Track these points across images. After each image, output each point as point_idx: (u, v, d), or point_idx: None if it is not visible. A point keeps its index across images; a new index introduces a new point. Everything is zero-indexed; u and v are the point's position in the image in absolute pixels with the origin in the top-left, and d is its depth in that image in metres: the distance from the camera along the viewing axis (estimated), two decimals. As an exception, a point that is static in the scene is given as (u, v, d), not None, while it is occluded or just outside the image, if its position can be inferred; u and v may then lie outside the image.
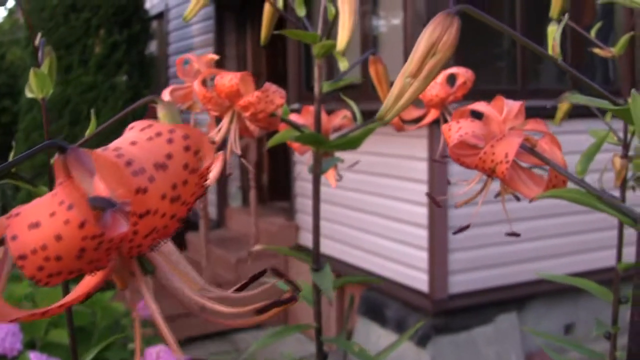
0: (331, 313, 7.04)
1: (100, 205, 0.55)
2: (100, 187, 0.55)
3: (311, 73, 7.31)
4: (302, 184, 7.41)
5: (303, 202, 7.52)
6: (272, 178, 9.40)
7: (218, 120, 1.31)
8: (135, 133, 0.57)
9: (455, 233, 1.05)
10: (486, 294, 5.88)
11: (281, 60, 8.77)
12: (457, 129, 0.85)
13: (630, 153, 1.54)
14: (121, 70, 9.28)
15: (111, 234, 0.55)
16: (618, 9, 6.68)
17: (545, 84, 6.73)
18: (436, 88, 1.48)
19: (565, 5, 0.91)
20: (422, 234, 5.72)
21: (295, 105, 7.34)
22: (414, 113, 1.51)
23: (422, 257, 5.76)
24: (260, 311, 0.64)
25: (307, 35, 1.33)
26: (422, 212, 5.73)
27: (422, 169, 5.57)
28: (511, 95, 4.19)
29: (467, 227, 1.08)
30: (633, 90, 0.74)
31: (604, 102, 0.81)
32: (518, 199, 0.91)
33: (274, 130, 1.35)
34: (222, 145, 1.28)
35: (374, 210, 6.36)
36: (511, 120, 0.88)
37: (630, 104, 0.73)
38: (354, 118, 1.48)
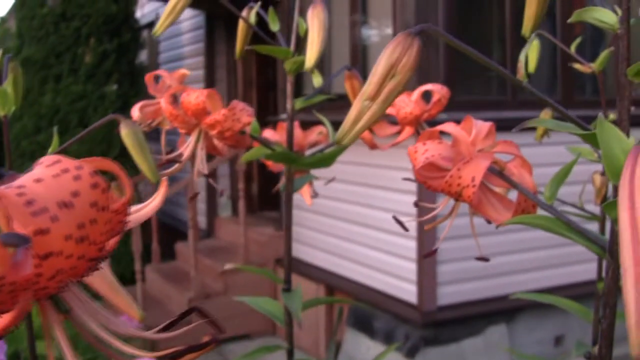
0: (320, 323, 7.01)
1: (12, 243, 0.52)
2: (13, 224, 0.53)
3: (302, 83, 7.31)
4: (296, 195, 7.37)
5: (294, 212, 7.48)
6: (261, 188, 9.38)
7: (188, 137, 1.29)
8: (41, 169, 0.55)
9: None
10: (475, 306, 5.86)
11: (271, 69, 8.76)
12: (424, 151, 0.82)
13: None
14: (111, 79, 9.26)
15: (13, 277, 0.52)
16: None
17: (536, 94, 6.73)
18: (410, 105, 1.45)
19: (538, 23, 0.88)
20: (411, 245, 5.70)
21: (285, 116, 7.31)
22: (389, 130, 1.48)
23: (410, 268, 5.74)
24: (175, 356, 0.61)
25: (279, 51, 1.30)
26: (411, 224, 5.70)
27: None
28: (501, 105, 4.20)
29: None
30: (600, 115, 0.72)
31: (570, 125, 0.79)
32: (489, 222, 0.88)
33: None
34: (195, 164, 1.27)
35: (362, 221, 6.34)
36: (481, 142, 0.85)
37: (597, 129, 0.71)
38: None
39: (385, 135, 1.48)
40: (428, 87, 1.50)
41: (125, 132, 1.20)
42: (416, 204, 1.03)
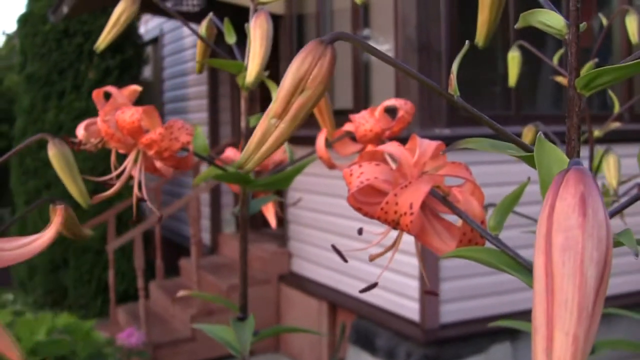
0: (323, 340, 6.95)
1: None
2: None
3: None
4: (295, 211, 7.32)
5: (296, 229, 7.44)
6: (265, 204, 9.31)
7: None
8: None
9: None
10: (479, 324, 5.77)
11: (275, 82, 8.69)
12: (359, 174, 0.74)
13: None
14: (114, 95, 9.22)
15: None
16: (616, 32, 6.62)
17: (541, 109, 6.65)
18: (370, 122, 1.34)
19: (491, 31, 0.80)
20: (413, 262, 5.62)
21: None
22: (351, 148, 1.39)
23: (413, 285, 5.66)
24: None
25: (231, 65, 1.23)
26: (413, 240, 5.61)
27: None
28: (505, 120, 4.12)
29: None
30: (539, 134, 0.64)
31: (510, 146, 0.71)
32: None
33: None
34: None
35: (364, 237, 6.25)
36: (429, 163, 0.77)
37: (535, 150, 0.63)
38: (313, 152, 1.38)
39: (346, 154, 1.39)
40: (391, 102, 1.41)
41: (52, 153, 1.14)
42: (360, 231, 0.95)
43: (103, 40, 1.30)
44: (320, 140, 1.35)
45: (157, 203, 8.77)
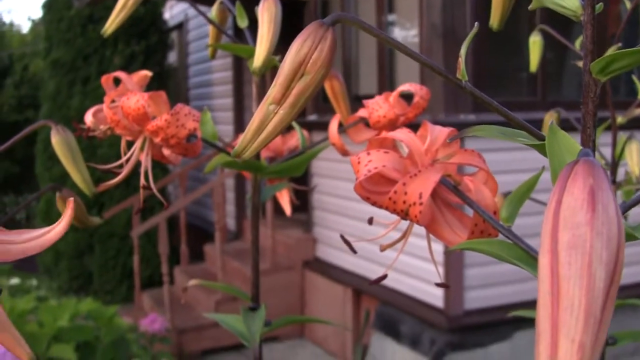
0: (347, 326, 6.94)
1: None
2: None
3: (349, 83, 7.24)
4: (320, 196, 7.30)
5: (321, 215, 7.42)
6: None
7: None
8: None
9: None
10: (503, 311, 5.71)
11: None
12: (367, 162, 0.70)
13: (619, 179, 1.39)
14: (139, 81, 9.22)
15: None
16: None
17: (567, 95, 6.57)
18: (384, 108, 1.28)
19: (505, 13, 0.77)
20: (438, 249, 5.58)
21: (313, 117, 7.26)
22: (365, 134, 1.34)
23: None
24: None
25: (241, 49, 1.19)
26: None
27: (436, 182, 5.42)
28: (532, 106, 4.07)
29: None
30: (551, 122, 0.61)
31: (521, 133, 0.68)
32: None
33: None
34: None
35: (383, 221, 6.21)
36: (440, 151, 0.73)
37: (547, 139, 0.60)
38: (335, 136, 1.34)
39: (360, 140, 1.34)
40: (406, 87, 1.36)
41: (55, 140, 1.12)
42: (370, 221, 0.92)
43: (110, 24, 1.27)
44: (333, 126, 1.32)
45: (182, 188, 8.77)
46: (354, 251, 0.82)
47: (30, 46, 15.89)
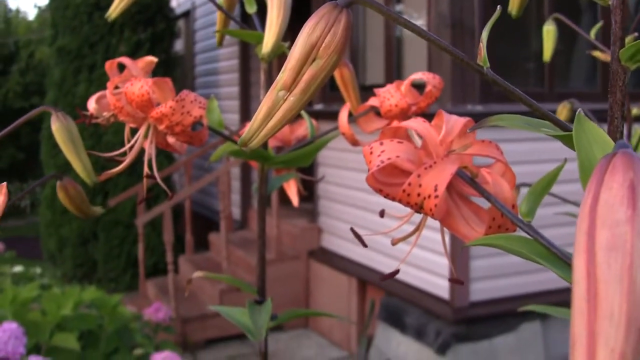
0: (352, 318, 6.92)
1: None
2: None
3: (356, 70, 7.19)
4: (326, 186, 7.27)
5: (326, 204, 7.39)
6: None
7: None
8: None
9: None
10: (509, 302, 5.70)
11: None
12: (379, 152, 0.66)
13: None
14: (145, 69, 9.20)
15: None
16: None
17: (575, 86, 6.53)
18: (395, 97, 1.23)
19: (525, 0, 0.74)
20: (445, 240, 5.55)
21: (320, 106, 7.22)
22: (376, 124, 1.30)
23: (443, 263, 5.61)
24: None
25: (249, 35, 1.15)
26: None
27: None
28: (539, 97, 4.03)
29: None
30: (579, 111, 0.58)
31: (546, 124, 0.65)
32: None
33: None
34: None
35: (395, 214, 6.19)
36: (455, 142, 0.70)
37: (574, 129, 0.57)
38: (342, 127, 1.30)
39: (370, 130, 1.29)
40: (418, 76, 1.30)
41: (55, 127, 1.09)
42: (381, 214, 0.88)
43: (114, 9, 1.25)
44: (343, 116, 1.28)
45: (187, 177, 8.76)
46: (365, 245, 0.79)
47: (36, 33, 15.88)
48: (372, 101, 1.25)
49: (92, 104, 1.26)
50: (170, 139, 1.18)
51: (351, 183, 6.70)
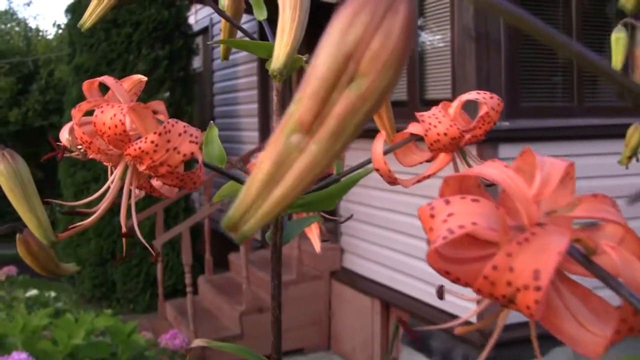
0: (375, 340, 6.73)
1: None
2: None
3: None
4: (348, 205, 7.08)
5: (348, 224, 7.20)
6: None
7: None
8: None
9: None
10: (540, 326, 5.47)
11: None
12: (446, 216, 0.44)
13: None
14: (163, 86, 9.09)
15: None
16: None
17: (605, 100, 6.29)
18: (444, 123, 0.99)
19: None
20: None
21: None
22: (417, 156, 1.02)
23: (470, 285, 5.39)
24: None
25: (256, 46, 0.92)
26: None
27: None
28: (568, 112, 3.81)
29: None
30: None
31: None
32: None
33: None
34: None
35: (419, 234, 6.00)
36: (552, 197, 0.46)
37: None
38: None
39: (411, 164, 1.00)
40: (471, 96, 1.07)
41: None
42: (440, 294, 0.67)
43: (88, 17, 1.05)
44: (378, 148, 1.00)
45: (206, 196, 8.60)
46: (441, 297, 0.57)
47: (56, 51, 15.83)
48: (413, 128, 0.97)
49: (64, 135, 1.06)
50: (155, 182, 0.96)
51: (374, 202, 6.52)
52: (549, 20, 5.83)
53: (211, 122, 0.93)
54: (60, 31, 18.54)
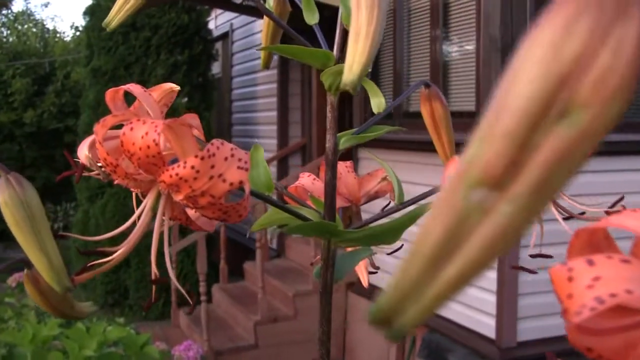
0: (391, 355, 6.63)
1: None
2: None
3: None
4: (367, 215, 6.99)
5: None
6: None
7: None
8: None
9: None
10: (558, 342, 5.39)
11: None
12: (590, 281, 0.33)
13: None
14: (182, 92, 9.01)
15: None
16: None
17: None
18: None
19: None
20: (491, 276, 5.27)
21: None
22: None
23: (490, 300, 5.32)
24: None
25: (312, 54, 0.79)
26: (491, 253, 5.28)
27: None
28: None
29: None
30: None
31: None
32: None
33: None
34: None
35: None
36: None
37: None
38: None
39: None
40: None
41: (3, 200, 0.70)
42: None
43: (112, 18, 0.96)
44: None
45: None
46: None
47: (73, 54, 15.80)
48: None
49: (83, 151, 0.91)
50: (191, 212, 0.82)
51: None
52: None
53: (256, 141, 0.82)
54: (77, 33, 18.53)
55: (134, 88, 0.85)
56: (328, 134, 0.78)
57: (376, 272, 0.99)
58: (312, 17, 0.88)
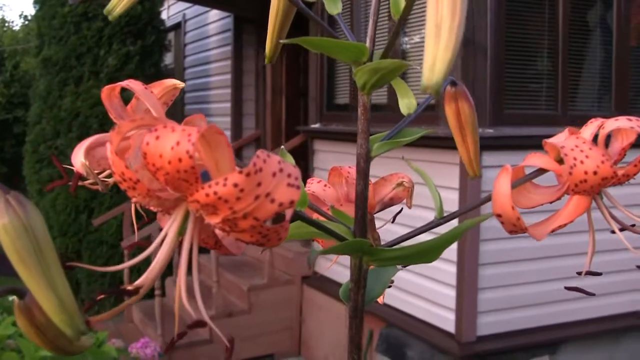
0: (346, 345, 6.57)
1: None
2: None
3: (334, 87, 6.86)
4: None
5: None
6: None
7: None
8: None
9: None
10: (517, 337, 5.41)
11: (303, 73, 8.31)
12: None
13: None
14: (134, 83, 8.89)
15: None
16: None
17: (587, 109, 6.18)
18: (593, 157, 0.72)
19: None
20: (451, 270, 5.25)
21: (316, 126, 6.91)
22: (538, 197, 0.72)
23: (449, 294, 5.31)
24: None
25: (342, 48, 0.70)
26: (451, 247, 5.26)
27: (453, 199, 5.07)
28: (551, 121, 3.71)
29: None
30: None
31: None
32: None
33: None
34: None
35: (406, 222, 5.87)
36: None
37: None
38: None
39: (530, 206, 0.73)
40: (621, 123, 0.77)
41: (3, 225, 0.57)
42: None
43: (116, 4, 0.87)
44: (504, 186, 0.71)
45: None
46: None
47: (22, 43, 15.53)
48: (537, 160, 0.72)
49: (78, 158, 0.78)
50: (222, 235, 0.70)
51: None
52: (535, 25, 5.72)
53: (282, 147, 0.73)
54: (27, 22, 18.22)
55: (134, 85, 0.75)
56: (360, 138, 0.70)
57: (390, 286, 0.92)
58: (334, 7, 0.79)
